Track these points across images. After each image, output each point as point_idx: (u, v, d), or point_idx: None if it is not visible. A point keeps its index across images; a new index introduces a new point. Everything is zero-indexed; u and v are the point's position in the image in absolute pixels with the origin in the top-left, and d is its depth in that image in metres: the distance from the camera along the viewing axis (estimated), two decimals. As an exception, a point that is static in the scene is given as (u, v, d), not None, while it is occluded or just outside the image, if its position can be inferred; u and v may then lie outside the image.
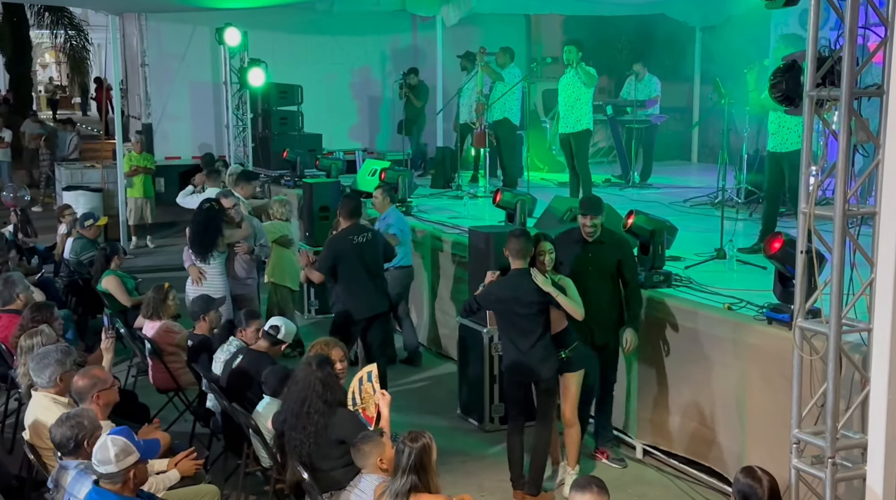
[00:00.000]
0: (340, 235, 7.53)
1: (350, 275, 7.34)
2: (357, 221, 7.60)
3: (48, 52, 36.81)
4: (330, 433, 5.00)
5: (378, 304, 7.44)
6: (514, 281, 5.86)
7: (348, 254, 7.33)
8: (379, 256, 7.55)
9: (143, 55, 15.06)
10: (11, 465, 6.19)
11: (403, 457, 4.21)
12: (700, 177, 12.31)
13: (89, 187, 14.84)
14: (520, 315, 5.82)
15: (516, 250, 5.85)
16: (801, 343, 4.77)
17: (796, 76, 4.81)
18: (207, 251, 7.92)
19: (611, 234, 6.38)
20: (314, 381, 5.07)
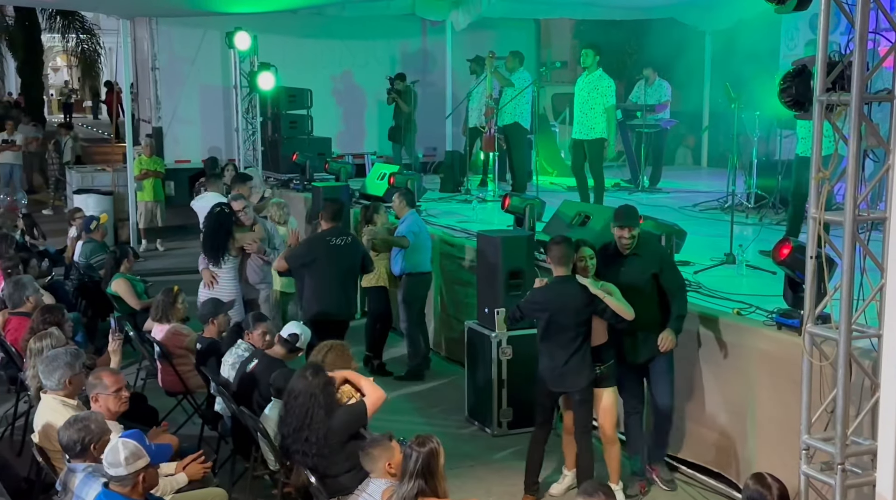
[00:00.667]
0: (318, 236, 7.73)
1: (321, 276, 7.45)
2: (338, 224, 7.71)
3: (59, 55, 36.94)
4: (332, 438, 5.00)
5: (345, 309, 7.55)
6: (558, 288, 5.78)
7: (322, 255, 7.47)
8: (356, 263, 7.60)
9: (153, 59, 15.11)
10: (21, 467, 6.21)
11: (411, 462, 4.21)
12: (710, 181, 12.29)
13: (100, 191, 14.91)
14: (562, 324, 5.73)
15: (559, 256, 5.76)
16: (811, 349, 4.75)
17: (806, 81, 4.79)
18: (219, 255, 7.98)
19: (646, 244, 6.09)
20: (316, 392, 5.07)
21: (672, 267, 6.13)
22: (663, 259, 6.10)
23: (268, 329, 6.45)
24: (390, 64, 15.32)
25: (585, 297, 5.72)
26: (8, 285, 7.63)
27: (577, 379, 5.79)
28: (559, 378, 5.80)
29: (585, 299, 5.71)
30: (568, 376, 5.78)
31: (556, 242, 5.86)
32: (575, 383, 5.80)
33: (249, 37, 13.75)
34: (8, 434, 7.11)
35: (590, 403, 5.89)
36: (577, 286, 5.76)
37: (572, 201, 8.73)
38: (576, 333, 5.74)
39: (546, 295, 5.80)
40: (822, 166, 4.72)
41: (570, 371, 5.76)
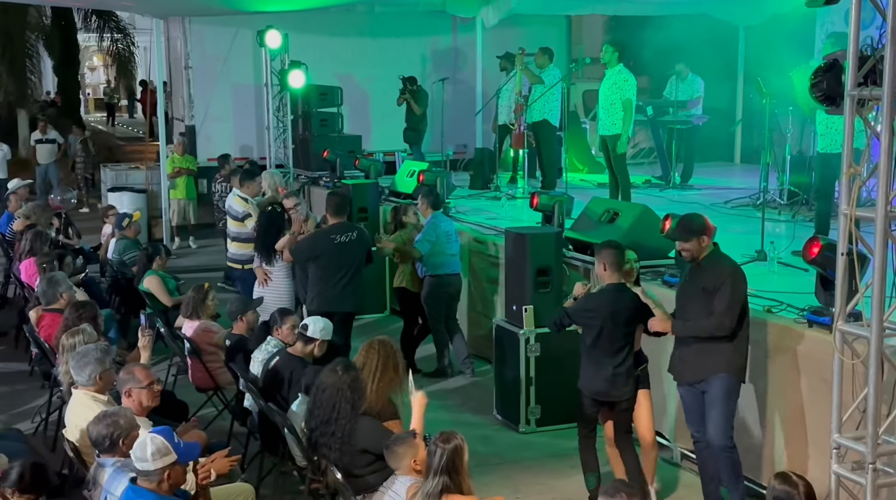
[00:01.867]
0: (323, 233, 7.76)
1: (323, 271, 7.54)
2: (343, 218, 7.73)
3: (96, 55, 37.41)
4: (354, 442, 5.01)
5: (344, 302, 7.58)
6: (613, 296, 5.64)
7: (327, 251, 7.54)
8: (361, 257, 7.65)
9: (186, 58, 15.25)
10: (54, 462, 6.29)
11: (435, 458, 4.21)
12: (743, 178, 12.18)
13: (133, 188, 15.07)
14: (613, 332, 5.60)
15: (613, 262, 5.64)
16: (842, 347, 4.68)
17: (837, 75, 4.72)
18: (270, 254, 8.03)
19: (716, 260, 5.54)
20: (343, 387, 5.07)
21: (727, 292, 5.37)
22: (723, 280, 5.42)
23: (296, 323, 6.48)
24: (420, 61, 15.33)
25: (638, 306, 5.61)
26: (42, 281, 7.74)
27: (624, 388, 5.69)
28: (606, 387, 5.67)
29: (637, 309, 5.60)
30: (615, 385, 5.66)
31: (611, 248, 5.71)
32: (622, 391, 5.69)
33: (280, 35, 13.82)
34: (42, 429, 7.21)
35: (632, 410, 5.80)
36: (631, 295, 5.66)
37: (601, 198, 8.68)
38: (624, 342, 5.63)
39: (600, 302, 5.65)
40: (853, 162, 4.64)
41: (618, 380, 5.65)
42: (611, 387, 5.67)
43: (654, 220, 7.16)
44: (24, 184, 13.57)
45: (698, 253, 5.48)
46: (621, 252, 5.73)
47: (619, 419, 5.80)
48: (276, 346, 6.46)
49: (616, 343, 5.61)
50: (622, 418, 5.78)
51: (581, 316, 5.75)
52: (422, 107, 13.48)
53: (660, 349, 6.51)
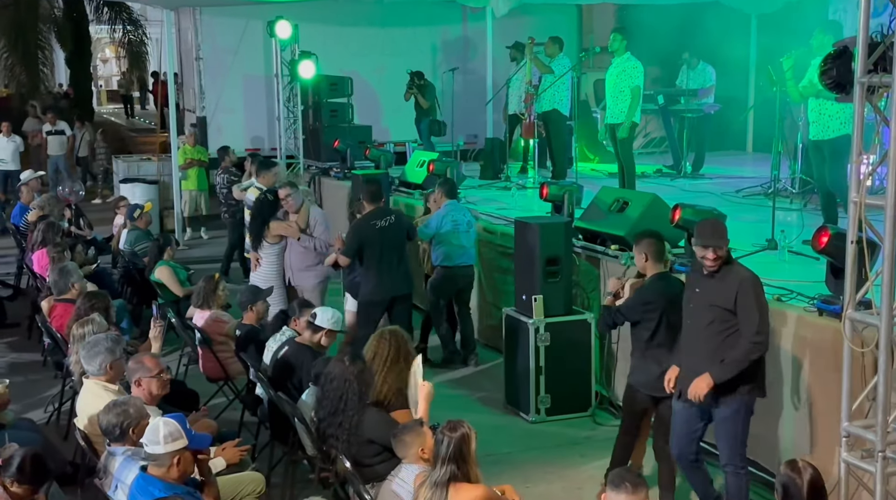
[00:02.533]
0: (364, 221, 7.79)
1: (373, 258, 7.62)
2: (379, 204, 7.81)
3: (108, 47, 37.49)
4: (361, 432, 5.03)
5: (400, 285, 7.67)
6: (664, 285, 5.49)
7: (372, 238, 7.60)
8: (402, 239, 7.76)
9: (197, 49, 15.28)
10: (67, 451, 6.34)
11: (442, 447, 4.21)
12: (755, 167, 12.10)
13: (145, 180, 15.13)
14: (672, 323, 5.36)
15: (655, 252, 5.49)
16: (852, 335, 4.67)
17: (847, 62, 4.70)
18: (257, 240, 8.33)
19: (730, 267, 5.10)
20: (350, 378, 5.09)
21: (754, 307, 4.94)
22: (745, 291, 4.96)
23: None
24: (431, 51, 15.31)
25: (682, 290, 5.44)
26: (53, 272, 7.79)
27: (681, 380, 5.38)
28: (662, 382, 5.33)
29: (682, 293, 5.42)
30: None
31: (651, 238, 5.52)
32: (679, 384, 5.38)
33: (290, 26, 13.82)
34: (55, 419, 7.27)
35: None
36: (678, 282, 5.55)
37: (610, 187, 8.66)
38: (678, 330, 5.32)
39: (658, 294, 5.45)
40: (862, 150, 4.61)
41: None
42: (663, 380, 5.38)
43: (663, 209, 7.14)
44: (37, 175, 13.65)
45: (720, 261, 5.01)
46: (662, 242, 5.64)
47: (664, 415, 5.48)
48: (290, 336, 6.49)
49: (674, 334, 5.39)
50: (665, 415, 5.44)
51: (637, 311, 5.53)
52: (429, 100, 13.46)
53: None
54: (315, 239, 8.30)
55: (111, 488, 4.53)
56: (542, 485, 6.19)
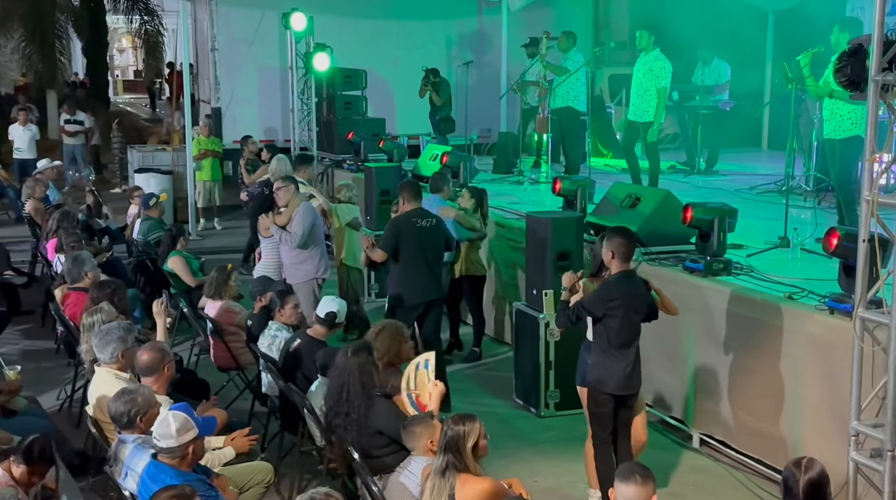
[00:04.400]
0: (404, 217, 7.44)
1: (408, 258, 7.29)
2: (420, 204, 7.52)
3: (125, 37, 37.59)
4: (370, 423, 5.04)
5: (432, 290, 7.39)
6: (629, 282, 5.46)
7: (410, 236, 7.28)
8: (440, 243, 7.49)
9: (213, 40, 15.32)
10: (78, 438, 6.39)
11: (442, 438, 4.25)
12: (769, 164, 12.05)
13: (160, 170, 15.18)
14: (633, 321, 5.44)
15: (623, 253, 5.46)
16: (862, 334, 4.66)
17: (861, 60, 4.69)
18: (254, 234, 8.38)
19: None
20: (351, 367, 5.11)
21: None
22: None
23: (297, 302, 6.55)
24: (445, 44, 15.31)
25: (647, 290, 5.54)
26: (67, 260, 7.83)
27: (639, 379, 5.54)
28: (628, 381, 5.44)
29: (647, 294, 5.52)
30: (634, 377, 5.49)
31: (623, 238, 5.51)
32: (638, 383, 5.53)
33: (305, 18, 13.84)
34: (67, 406, 7.33)
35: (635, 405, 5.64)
36: (641, 280, 5.59)
37: (623, 183, 8.65)
38: (638, 330, 5.47)
39: (621, 290, 5.40)
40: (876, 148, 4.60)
41: (636, 371, 5.49)
42: (631, 379, 5.47)
43: (676, 205, 7.13)
44: (53, 165, 13.73)
45: None
46: (632, 244, 5.59)
47: (624, 416, 5.56)
48: (279, 329, 6.51)
49: (634, 331, 5.47)
50: (628, 414, 5.57)
51: (600, 307, 5.42)
52: (443, 97, 13.45)
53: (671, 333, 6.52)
54: (285, 233, 7.94)
55: (121, 475, 4.57)
56: (549, 479, 6.20)
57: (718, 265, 6.52)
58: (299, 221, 7.92)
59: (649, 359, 6.98)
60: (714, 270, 6.51)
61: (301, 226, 7.88)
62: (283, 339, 6.43)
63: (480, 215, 8.44)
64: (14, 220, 14.60)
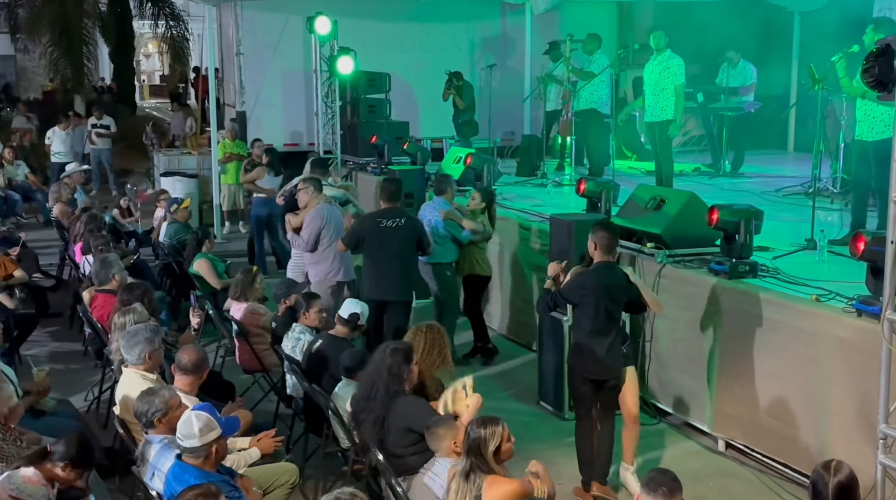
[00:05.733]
0: (369, 216, 7.81)
1: (371, 256, 7.55)
2: (395, 204, 7.68)
3: (151, 42, 37.91)
4: (395, 421, 5.04)
5: (390, 290, 7.46)
6: (606, 272, 5.73)
7: (371, 235, 7.51)
8: (406, 244, 7.52)
9: (238, 44, 15.39)
10: (106, 439, 6.45)
11: (465, 440, 4.25)
12: (795, 166, 11.96)
13: (185, 173, 15.29)
14: (607, 309, 5.68)
15: (608, 244, 5.74)
16: (890, 336, 4.62)
17: (889, 60, 4.65)
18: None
19: None
20: (382, 368, 5.13)
21: None
22: None
23: (322, 306, 6.58)
24: (469, 48, 15.30)
25: (627, 283, 5.76)
26: (95, 263, 7.91)
27: (618, 364, 5.80)
28: (604, 366, 5.75)
29: (627, 285, 5.75)
30: (612, 362, 5.76)
31: (607, 229, 5.83)
32: (616, 368, 5.80)
33: (329, 22, 13.89)
34: (94, 407, 7.40)
35: (619, 388, 5.87)
36: (621, 272, 5.81)
37: (647, 185, 8.62)
38: (617, 317, 5.78)
39: (595, 279, 5.72)
40: None
41: (614, 357, 5.75)
42: (608, 364, 5.75)
43: (700, 207, 7.08)
44: (81, 169, 13.87)
45: None
46: (615, 237, 5.83)
47: (607, 398, 5.86)
48: (303, 331, 6.55)
49: (611, 320, 5.71)
50: (610, 395, 5.85)
51: (575, 294, 5.76)
52: (466, 101, 13.45)
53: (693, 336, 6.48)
54: (294, 236, 8.11)
55: (148, 475, 4.61)
56: (574, 482, 6.16)
57: (744, 267, 6.48)
58: (307, 224, 8.04)
59: (669, 362, 6.99)
60: (740, 272, 6.46)
61: (308, 230, 7.99)
62: (306, 341, 6.48)
63: (488, 217, 8.45)
64: (42, 223, 14.75)
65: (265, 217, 11.52)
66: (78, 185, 13.07)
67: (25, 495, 4.23)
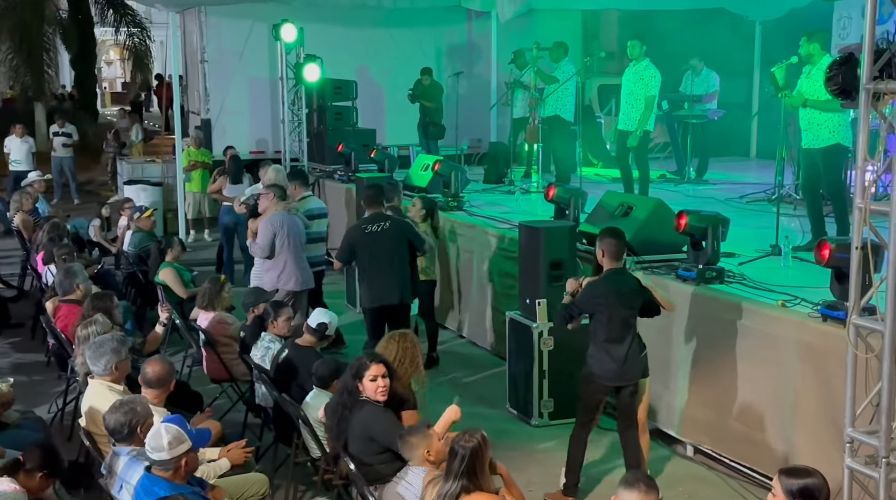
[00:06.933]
0: (355, 225, 7.80)
1: (364, 265, 7.52)
2: (378, 210, 7.68)
3: (112, 49, 37.54)
4: (358, 429, 5.02)
5: (388, 295, 7.43)
6: (616, 279, 5.73)
7: (361, 244, 7.49)
8: (396, 245, 7.47)
9: (202, 52, 15.30)
10: (71, 451, 6.34)
11: (456, 461, 4.16)
12: (758, 173, 12.12)
13: (150, 181, 15.15)
14: (621, 316, 5.68)
15: (615, 251, 5.73)
16: (856, 341, 4.68)
17: (853, 69, 4.71)
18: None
19: None
20: (348, 380, 5.11)
21: None
22: None
23: (291, 314, 6.54)
24: (435, 55, 15.33)
25: (639, 287, 5.74)
26: (59, 272, 7.80)
27: (635, 371, 5.78)
28: (621, 373, 5.71)
29: (639, 289, 5.73)
30: (629, 369, 5.74)
31: (612, 237, 5.79)
32: (634, 375, 5.77)
33: (296, 29, 13.85)
34: (58, 419, 7.28)
35: (636, 396, 5.85)
36: (632, 277, 5.78)
37: (615, 192, 8.69)
38: (632, 323, 5.74)
39: (607, 287, 5.69)
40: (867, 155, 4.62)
41: (631, 364, 5.73)
42: (624, 371, 5.72)
43: (668, 214, 7.15)
44: (42, 178, 13.68)
45: None
46: (623, 242, 5.83)
47: (626, 406, 5.82)
48: (272, 340, 6.51)
49: (625, 327, 5.69)
50: (631, 403, 5.82)
51: (589, 304, 5.76)
52: (435, 102, 13.46)
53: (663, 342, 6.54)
54: (251, 242, 8.16)
55: (116, 487, 4.55)
56: (545, 488, 6.18)
57: (711, 274, 6.54)
58: (260, 231, 8.04)
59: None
60: (707, 278, 6.52)
61: (261, 236, 8.00)
62: (275, 350, 6.44)
63: (431, 227, 8.45)
64: (2, 233, 14.54)
65: (232, 225, 11.43)
66: (39, 194, 12.89)
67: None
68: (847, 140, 7.79)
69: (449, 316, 9.77)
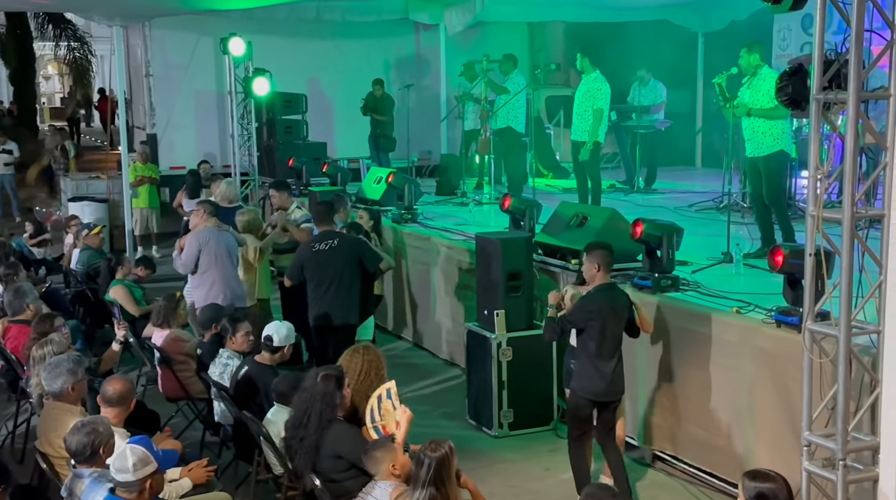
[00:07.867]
0: (304, 244, 7.68)
1: (312, 283, 7.40)
2: (328, 227, 7.62)
3: (51, 63, 36.88)
4: (326, 448, 4.97)
5: (336, 314, 7.31)
6: (609, 294, 5.74)
7: (309, 261, 7.41)
8: (345, 264, 7.33)
9: (147, 66, 15.12)
10: (23, 475, 6.19)
11: (422, 470, 4.16)
12: (704, 181, 12.33)
13: (95, 198, 14.90)
14: (614, 331, 5.69)
15: (605, 263, 5.75)
16: (811, 346, 4.78)
17: (803, 79, 4.83)
18: None
19: None
20: (315, 394, 5.04)
21: None
22: None
23: (249, 329, 6.48)
24: (384, 68, 15.34)
25: (629, 303, 5.80)
26: (8, 292, 7.63)
27: (621, 385, 5.82)
28: (609, 388, 5.72)
29: (629, 306, 5.78)
30: (614, 385, 5.75)
31: (602, 249, 5.80)
32: (619, 389, 5.81)
33: (244, 43, 13.75)
34: (9, 442, 7.10)
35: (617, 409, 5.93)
36: (623, 292, 5.84)
37: (570, 202, 8.77)
38: (620, 339, 5.76)
39: (600, 302, 5.68)
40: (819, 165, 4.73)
41: (617, 378, 5.76)
42: (610, 386, 5.74)
43: (622, 223, 7.24)
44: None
45: None
46: (611, 253, 5.86)
47: (607, 418, 5.86)
48: (231, 357, 6.43)
49: (615, 341, 5.72)
50: (610, 417, 5.86)
51: (583, 318, 5.71)
52: (385, 114, 13.46)
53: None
54: (177, 258, 8.19)
55: (77, 510, 4.45)
56: (507, 499, 6.21)
57: (667, 281, 6.64)
58: (185, 246, 8.05)
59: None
60: (662, 286, 6.62)
61: (186, 251, 8.01)
62: (234, 367, 6.35)
63: (376, 236, 8.49)
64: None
65: None
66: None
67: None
68: (789, 148, 7.96)
69: (405, 327, 9.77)
